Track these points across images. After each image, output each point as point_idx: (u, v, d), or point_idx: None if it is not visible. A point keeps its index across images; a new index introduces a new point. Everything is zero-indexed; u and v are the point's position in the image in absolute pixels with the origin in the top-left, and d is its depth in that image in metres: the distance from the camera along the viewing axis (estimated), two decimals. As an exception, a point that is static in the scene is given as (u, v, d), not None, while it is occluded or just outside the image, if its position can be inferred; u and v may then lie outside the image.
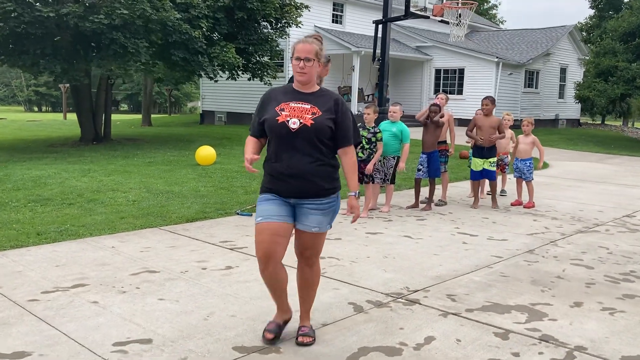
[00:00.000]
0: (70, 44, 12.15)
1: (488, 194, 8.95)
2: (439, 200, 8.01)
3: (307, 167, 3.05)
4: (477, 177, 7.87)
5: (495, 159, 7.77)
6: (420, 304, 4.01)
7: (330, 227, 3.28)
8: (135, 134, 19.45)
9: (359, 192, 3.24)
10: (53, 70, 11.77)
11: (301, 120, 3.03)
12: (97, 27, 11.13)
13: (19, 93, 73.13)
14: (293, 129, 3.02)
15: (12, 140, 17.18)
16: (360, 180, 7.10)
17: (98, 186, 8.59)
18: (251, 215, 6.88)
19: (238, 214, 6.92)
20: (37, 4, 11.10)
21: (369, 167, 6.93)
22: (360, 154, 7.03)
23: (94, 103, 15.07)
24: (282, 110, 3.08)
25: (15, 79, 71.82)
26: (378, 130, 7.01)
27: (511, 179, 9.60)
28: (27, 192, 7.98)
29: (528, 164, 7.96)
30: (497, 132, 7.65)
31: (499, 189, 9.05)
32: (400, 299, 4.10)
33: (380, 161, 7.18)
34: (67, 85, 22.88)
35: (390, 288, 4.33)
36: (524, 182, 8.05)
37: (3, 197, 7.62)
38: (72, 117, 18.45)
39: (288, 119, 3.04)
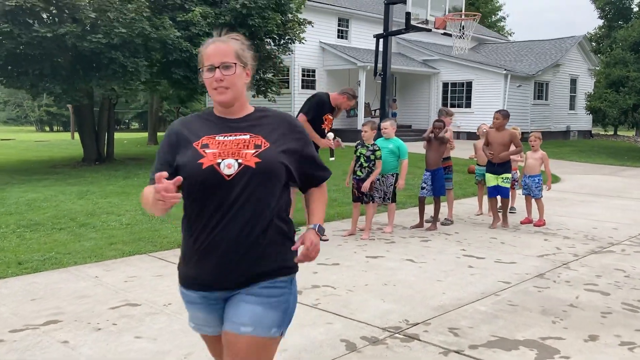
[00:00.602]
0: (70, 64, 12.01)
1: (498, 210, 8.59)
2: (445, 219, 7.67)
3: (250, 239, 1.93)
4: (492, 193, 7.51)
5: (508, 175, 7.38)
6: (419, 340, 3.67)
7: (282, 334, 2.01)
8: (139, 153, 19.29)
9: (324, 230, 2.11)
10: (52, 91, 11.63)
11: (239, 160, 1.92)
12: (96, 47, 10.98)
13: (30, 113, 73.79)
14: (228, 175, 1.91)
15: (15, 162, 17.07)
16: (361, 200, 6.79)
17: (93, 209, 8.34)
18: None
19: (233, 237, 6.61)
20: (35, 24, 10.97)
21: (366, 184, 6.60)
22: (359, 173, 6.72)
23: (97, 123, 14.92)
24: (206, 147, 1.96)
25: (27, 99, 72.49)
26: (377, 148, 6.70)
27: (520, 195, 9.24)
28: (19, 217, 7.74)
29: (537, 181, 7.60)
30: (511, 146, 7.26)
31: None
32: (398, 334, 3.76)
33: (378, 179, 6.87)
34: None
35: (388, 321, 3.99)
36: (533, 199, 7.69)
37: (-7, 222, 7.38)
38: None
39: (218, 160, 1.92)
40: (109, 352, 3.44)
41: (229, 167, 1.92)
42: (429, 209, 7.63)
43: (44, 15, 11.93)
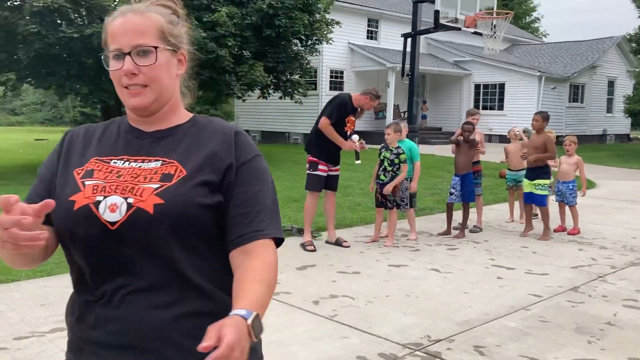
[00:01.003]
0: (96, 65, 12.03)
1: (533, 217, 8.23)
2: (474, 226, 7.35)
3: (153, 326, 1.20)
4: (526, 199, 7.16)
5: (543, 182, 6.92)
6: (441, 358, 3.41)
7: None
8: (167, 154, 19.34)
9: (261, 328, 1.13)
10: (79, 92, 11.67)
11: (130, 200, 1.21)
12: (122, 47, 10.96)
13: (65, 114, 75.38)
14: (112, 223, 1.19)
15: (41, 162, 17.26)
16: (384, 206, 6.53)
17: (115, 210, 8.27)
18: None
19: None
20: (62, 25, 11.02)
21: (388, 187, 6.34)
22: (382, 177, 6.46)
23: (124, 124, 14.97)
24: (89, 176, 1.27)
25: (62, 100, 74.09)
26: (402, 151, 6.44)
27: (553, 202, 8.85)
28: (41, 218, 7.71)
29: (571, 187, 7.22)
30: (545, 151, 6.86)
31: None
32: (418, 351, 3.51)
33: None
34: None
35: (408, 337, 3.74)
36: (566, 206, 7.31)
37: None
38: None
39: (98, 198, 1.21)
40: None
41: (112, 209, 1.18)
42: (457, 215, 7.32)
43: (72, 17, 12.00)
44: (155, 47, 1.24)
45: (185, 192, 1.21)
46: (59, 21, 11.27)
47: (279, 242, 1.28)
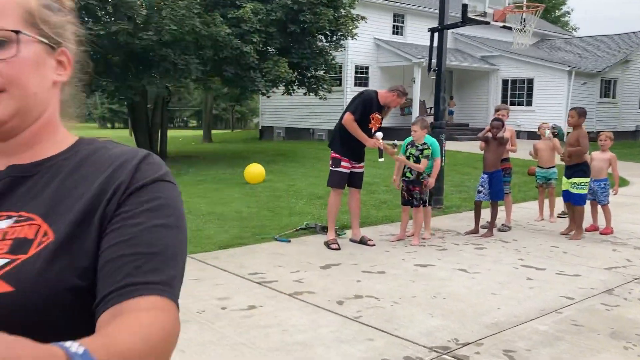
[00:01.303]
0: (122, 62, 12.12)
1: (559, 216, 8.03)
2: (502, 225, 7.17)
3: None
4: (564, 197, 6.96)
5: (580, 180, 6.66)
6: (469, 363, 3.29)
7: None
8: (193, 150, 19.46)
9: None
10: (105, 89, 11.76)
11: None
12: (147, 44, 11.01)
13: (93, 111, 76.53)
14: None
15: (74, 158, 17.51)
16: (410, 204, 6.40)
17: (140, 207, 8.30)
18: (289, 241, 6.32)
19: (276, 239, 6.39)
20: (89, 22, 11.11)
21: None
22: (408, 174, 6.34)
23: (150, 121, 15.07)
24: None
25: (89, 97, 75.29)
26: (426, 147, 6.31)
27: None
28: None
29: (603, 185, 6.99)
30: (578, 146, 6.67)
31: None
32: (446, 355, 3.40)
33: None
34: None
35: (435, 340, 3.63)
36: (598, 205, 7.09)
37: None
38: (134, 134, 18.93)
39: None
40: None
41: None
42: (485, 214, 7.16)
43: (99, 14, 12.09)
44: (17, 33, 0.81)
45: (50, 271, 0.76)
46: (85, 19, 11.36)
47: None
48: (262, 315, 4.04)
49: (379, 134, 6.16)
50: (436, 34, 8.35)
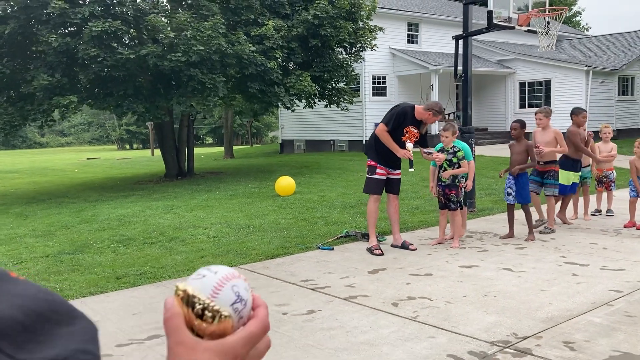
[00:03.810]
0: (151, 84, 12.45)
1: (593, 214, 8.11)
2: (545, 227, 7.16)
3: None
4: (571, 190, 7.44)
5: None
6: (532, 354, 3.43)
7: None
8: (217, 167, 19.75)
9: None
10: (135, 110, 12.09)
11: None
12: (175, 65, 11.32)
13: (112, 132, 77.63)
14: None
15: (102, 179, 17.89)
16: (448, 207, 6.55)
17: (180, 223, 8.54)
18: (332, 249, 6.50)
19: (319, 248, 6.56)
20: (119, 47, 11.46)
21: (446, 173, 6.40)
22: (443, 179, 6.50)
23: (177, 139, 15.39)
24: None
25: (108, 119, 76.39)
26: (458, 149, 6.47)
27: (616, 196, 8.69)
28: (112, 232, 8.03)
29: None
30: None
31: (604, 208, 8.20)
32: (508, 349, 3.54)
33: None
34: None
35: (494, 335, 3.77)
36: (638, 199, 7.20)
37: (89, 238, 7.69)
38: (159, 153, 19.11)
39: None
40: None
41: None
42: (519, 215, 7.25)
43: (126, 39, 12.45)
44: None
45: None
46: (114, 44, 11.72)
47: None
48: (323, 318, 4.21)
49: (409, 145, 6.29)
50: (461, 41, 8.51)
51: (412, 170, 6.52)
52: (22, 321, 0.50)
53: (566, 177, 7.31)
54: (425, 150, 6.37)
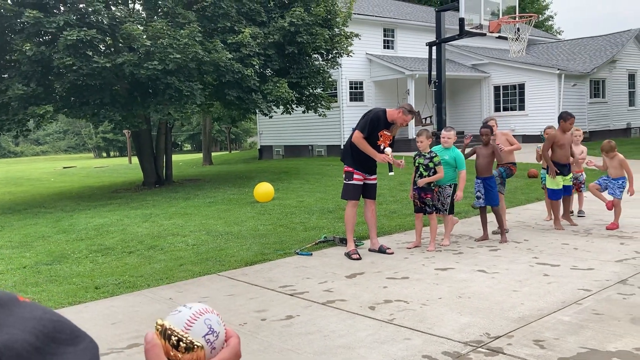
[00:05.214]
0: (128, 92, 12.41)
1: (580, 215, 8.30)
2: (497, 228, 7.32)
3: None
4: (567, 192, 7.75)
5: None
6: (504, 353, 3.55)
7: None
8: (196, 174, 19.69)
9: None
10: (112, 119, 12.03)
11: None
12: (152, 73, 11.31)
13: (88, 140, 76.72)
14: None
15: (79, 188, 17.72)
16: (423, 211, 6.68)
17: (159, 231, 8.53)
18: (311, 254, 6.57)
19: (297, 253, 6.64)
20: (94, 56, 11.41)
21: (421, 181, 6.50)
22: (418, 184, 6.62)
23: (155, 146, 15.34)
24: None
25: (84, 127, 75.53)
26: (434, 154, 6.61)
27: (587, 197, 8.91)
28: (90, 242, 8.00)
29: (620, 183, 7.48)
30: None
31: (576, 209, 8.42)
32: (481, 348, 3.65)
33: (434, 189, 6.72)
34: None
35: (468, 335, 3.89)
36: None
37: (67, 248, 7.65)
38: (136, 160, 18.98)
39: None
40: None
41: None
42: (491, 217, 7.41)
43: (102, 47, 12.40)
44: None
45: None
46: (90, 53, 11.67)
47: None
48: (302, 323, 4.29)
49: (388, 150, 6.44)
50: (434, 48, 8.68)
51: (392, 174, 6.65)
52: (33, 343, 0.58)
53: (555, 182, 7.47)
54: (386, 150, 6.45)
